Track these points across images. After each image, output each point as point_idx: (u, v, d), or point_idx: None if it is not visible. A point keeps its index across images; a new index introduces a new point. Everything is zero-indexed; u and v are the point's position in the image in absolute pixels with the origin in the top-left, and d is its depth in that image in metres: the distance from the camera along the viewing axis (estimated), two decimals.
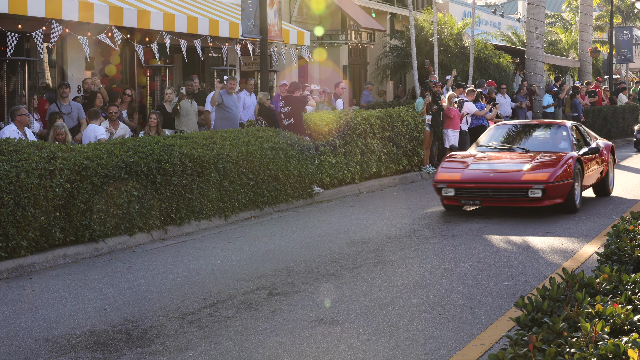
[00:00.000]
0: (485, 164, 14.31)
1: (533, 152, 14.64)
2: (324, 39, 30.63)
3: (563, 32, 46.96)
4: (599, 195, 16.18)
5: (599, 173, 15.52)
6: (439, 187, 14.00)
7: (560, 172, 13.55)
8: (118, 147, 12.02)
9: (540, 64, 30.31)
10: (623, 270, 5.83)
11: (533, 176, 13.50)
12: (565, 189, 13.64)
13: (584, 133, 16.00)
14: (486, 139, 15.71)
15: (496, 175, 13.76)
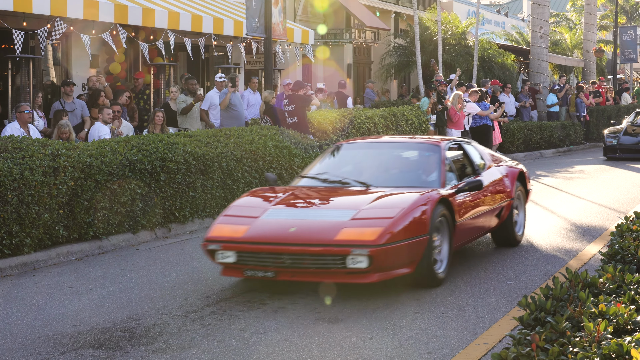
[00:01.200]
0: (290, 211, 9.13)
1: (377, 190, 9.33)
2: (329, 38, 30.63)
3: (567, 31, 46.91)
4: (500, 245, 11.16)
5: (495, 215, 10.55)
6: (210, 248, 8.77)
7: (403, 226, 8.38)
8: (122, 145, 12.03)
9: (544, 64, 30.30)
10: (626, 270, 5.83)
11: (355, 233, 8.32)
12: (414, 251, 8.49)
13: (473, 156, 10.90)
14: (318, 167, 10.49)
15: (299, 231, 8.47)
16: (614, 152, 24.34)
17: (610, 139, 24.53)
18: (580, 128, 29.36)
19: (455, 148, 10.79)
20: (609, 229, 12.06)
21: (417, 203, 8.73)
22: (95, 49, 17.95)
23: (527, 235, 12.12)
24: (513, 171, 11.36)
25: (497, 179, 10.84)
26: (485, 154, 11.42)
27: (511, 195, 10.98)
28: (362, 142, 11.61)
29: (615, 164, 23.39)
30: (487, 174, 10.72)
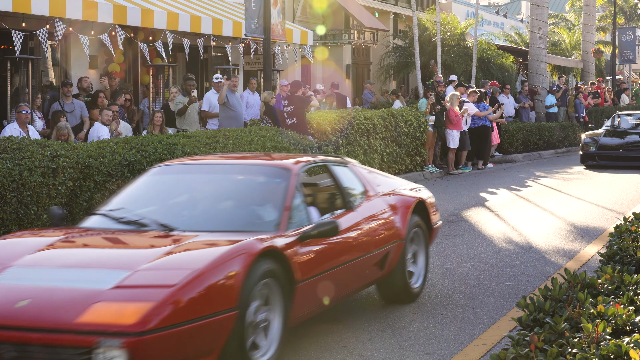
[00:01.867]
0: (36, 271, 6.07)
1: (182, 236, 6.54)
2: (327, 39, 30.64)
3: (566, 32, 46.94)
4: (389, 302, 8.37)
5: (375, 265, 7.88)
6: None
7: (191, 298, 5.55)
8: (121, 146, 12.03)
9: (543, 65, 30.32)
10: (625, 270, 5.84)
11: (110, 313, 5.40)
12: (212, 336, 5.67)
13: (346, 183, 8.11)
14: (119, 198, 7.55)
15: (32, 306, 5.53)
16: (591, 159, 22.42)
17: (588, 145, 22.57)
18: (579, 129, 29.37)
19: (318, 172, 8.39)
20: (608, 229, 12.07)
21: (222, 260, 5.82)
22: (94, 50, 17.95)
23: (526, 236, 12.14)
24: (407, 201, 8.49)
25: (378, 213, 8.06)
26: (368, 179, 8.51)
27: (401, 235, 8.14)
28: (184, 164, 8.17)
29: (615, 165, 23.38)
30: (364, 207, 7.97)
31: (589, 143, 22.57)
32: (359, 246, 7.61)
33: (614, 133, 23.18)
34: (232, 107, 16.99)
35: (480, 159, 22.56)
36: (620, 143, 22.64)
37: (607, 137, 22.85)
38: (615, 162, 22.14)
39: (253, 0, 17.18)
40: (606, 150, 22.40)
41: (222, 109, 17.07)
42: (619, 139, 22.84)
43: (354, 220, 7.68)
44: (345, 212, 7.70)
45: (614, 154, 22.37)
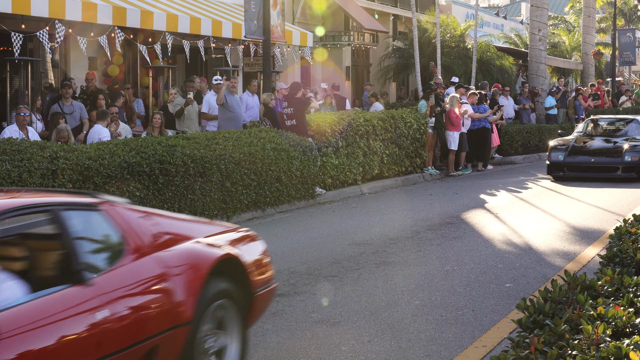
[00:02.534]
0: None
1: None
2: (327, 40, 30.63)
3: (566, 34, 46.95)
4: None
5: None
6: None
7: None
8: (120, 148, 12.03)
9: (543, 66, 30.32)
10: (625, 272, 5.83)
11: None
12: None
13: (75, 242, 5.19)
14: None
15: None
16: (559, 169, 19.67)
17: (557, 154, 19.73)
18: None
19: (35, 220, 5.34)
20: (608, 231, 12.06)
21: None
22: (93, 51, 17.94)
23: (526, 238, 12.13)
24: (201, 259, 5.79)
25: (139, 284, 5.38)
26: (138, 230, 5.63)
27: (183, 315, 5.48)
28: None
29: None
30: (113, 276, 5.26)
31: (557, 151, 19.84)
32: (78, 347, 4.78)
33: (585, 140, 20.71)
34: (231, 109, 16.98)
35: (480, 161, 22.55)
36: (592, 150, 20.08)
37: (578, 144, 20.28)
38: (586, 174, 19.42)
39: (252, 2, 17.18)
40: (576, 158, 19.71)
41: (221, 111, 17.06)
42: (591, 146, 20.32)
43: (76, 302, 4.87)
44: (65, 288, 4.91)
45: (585, 163, 19.64)
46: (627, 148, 19.50)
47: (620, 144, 19.99)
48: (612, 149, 19.95)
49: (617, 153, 19.59)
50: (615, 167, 19.41)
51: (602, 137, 20.92)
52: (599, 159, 19.80)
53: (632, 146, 19.63)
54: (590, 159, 19.79)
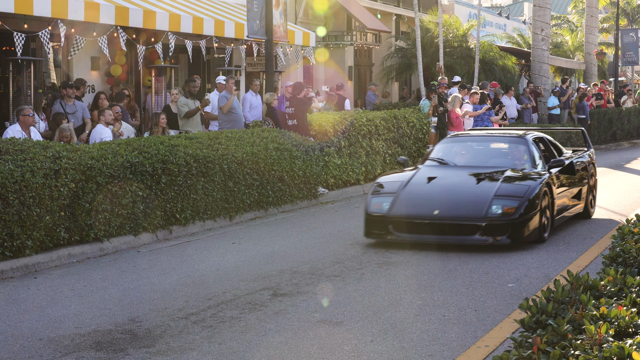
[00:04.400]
0: None
1: None
2: (330, 40, 30.64)
3: (569, 34, 46.92)
4: None
5: None
6: None
7: None
8: (123, 147, 12.03)
9: (545, 66, 30.30)
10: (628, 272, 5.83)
11: None
12: None
13: None
14: None
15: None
16: (381, 227, 11.64)
17: (379, 200, 11.85)
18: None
19: None
20: (611, 231, 12.06)
21: None
22: (96, 51, 17.95)
23: None
24: None
25: None
26: None
27: None
28: None
29: (616, 165, 23.35)
30: None
31: (380, 195, 11.99)
32: None
33: (434, 173, 12.54)
34: (232, 110, 17.00)
35: None
36: (441, 194, 11.83)
37: (419, 182, 12.18)
38: (426, 237, 11.43)
39: (255, 2, 17.18)
40: (411, 210, 11.57)
41: (221, 112, 17.06)
42: (441, 185, 12.12)
43: None
44: None
45: (424, 218, 11.44)
46: (497, 191, 11.41)
47: (487, 183, 11.90)
48: (471, 193, 11.68)
49: (478, 200, 11.36)
50: (473, 227, 11.18)
51: (464, 168, 12.71)
52: (448, 211, 11.40)
53: (506, 189, 11.57)
54: (432, 210, 11.44)
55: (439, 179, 12.26)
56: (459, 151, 13.50)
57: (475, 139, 13.96)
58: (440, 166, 13.03)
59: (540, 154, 12.90)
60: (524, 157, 12.80)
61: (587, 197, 13.89)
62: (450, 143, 13.81)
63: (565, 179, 12.89)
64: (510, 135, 13.63)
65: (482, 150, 13.49)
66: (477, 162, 13.10)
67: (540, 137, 13.63)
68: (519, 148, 13.06)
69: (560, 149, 13.92)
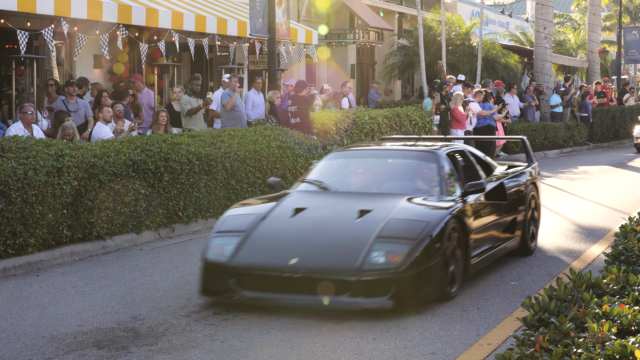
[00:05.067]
0: None
1: None
2: (332, 38, 30.64)
3: (571, 32, 46.88)
4: None
5: None
6: None
7: None
8: (126, 145, 12.03)
9: (548, 64, 30.27)
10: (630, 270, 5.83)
11: None
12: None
13: None
14: None
15: None
16: (220, 281, 8.28)
17: (222, 242, 8.56)
18: (584, 129, 29.34)
19: None
20: (613, 229, 12.05)
21: None
22: (99, 49, 17.96)
23: None
24: None
25: None
26: None
27: None
28: None
29: (618, 164, 23.34)
30: None
31: (225, 235, 8.68)
32: None
33: (305, 203, 9.11)
34: (235, 108, 17.02)
35: None
36: (305, 233, 8.53)
37: (281, 216, 8.81)
38: (276, 296, 8.14)
39: (258, 0, 17.18)
40: (262, 257, 8.31)
41: (225, 110, 17.08)
42: (308, 220, 8.78)
43: None
44: None
45: (276, 269, 8.20)
46: (381, 230, 8.21)
47: (371, 217, 8.50)
48: (346, 233, 8.36)
49: (353, 244, 8.13)
50: (341, 283, 7.93)
51: (347, 196, 9.42)
52: (310, 259, 8.16)
53: (394, 227, 8.32)
54: (289, 258, 8.16)
55: (308, 211, 8.78)
56: (349, 170, 10.16)
57: (372, 154, 10.56)
58: (317, 192, 9.64)
59: (456, 174, 9.73)
60: (433, 179, 9.53)
61: (524, 229, 10.64)
62: (338, 159, 10.33)
63: (490, 208, 9.74)
64: (418, 150, 10.28)
65: (379, 170, 10.04)
66: (368, 186, 9.64)
67: (461, 152, 10.44)
68: (427, 167, 9.72)
69: (490, 166, 10.88)
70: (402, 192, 9.23)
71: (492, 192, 9.89)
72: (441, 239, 8.24)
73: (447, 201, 8.93)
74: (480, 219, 9.33)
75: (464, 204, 8.98)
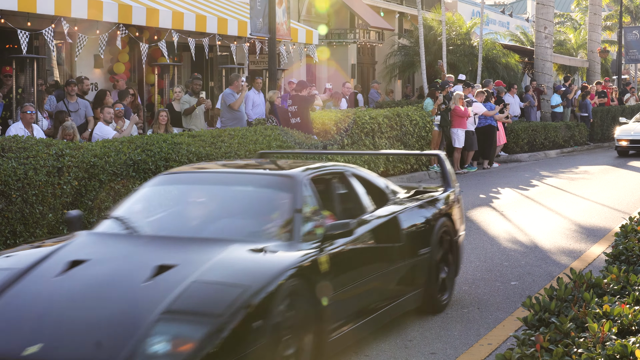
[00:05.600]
0: None
1: None
2: (333, 38, 30.65)
3: (572, 31, 46.87)
4: None
5: None
6: None
7: None
8: (126, 145, 12.03)
9: (548, 64, 30.27)
10: (631, 270, 5.83)
11: None
12: None
13: None
14: None
15: None
16: None
17: None
18: (584, 129, 29.34)
19: None
20: (613, 229, 12.04)
21: None
22: (98, 49, 17.96)
23: (531, 236, 12.12)
24: None
25: None
26: None
27: None
28: None
29: (618, 164, 23.35)
30: None
31: None
32: None
33: (87, 252, 6.35)
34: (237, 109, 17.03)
35: (485, 159, 22.53)
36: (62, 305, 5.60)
37: (42, 277, 5.91)
38: None
39: (258, 0, 17.18)
40: None
41: (227, 110, 17.07)
42: (78, 282, 5.86)
43: None
44: None
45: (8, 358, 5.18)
46: (172, 302, 5.40)
47: (165, 279, 5.73)
48: (121, 304, 5.55)
49: (123, 323, 5.30)
50: None
51: (152, 242, 6.61)
52: (58, 349, 5.19)
53: (192, 296, 5.51)
54: (29, 343, 5.23)
55: (87, 266, 6.08)
56: (173, 202, 7.44)
57: (207, 179, 7.58)
58: (113, 236, 6.83)
59: (325, 207, 7.03)
60: (283, 216, 6.66)
61: (429, 278, 7.91)
62: (163, 185, 7.51)
63: (370, 255, 7.19)
64: (268, 174, 7.44)
65: (210, 203, 7.22)
66: (186, 227, 6.92)
67: (339, 175, 7.58)
68: (278, 198, 6.92)
69: (385, 193, 8.08)
70: (231, 237, 6.41)
71: (378, 230, 7.30)
72: (267, 312, 5.47)
73: (296, 251, 6.17)
74: (348, 272, 6.67)
75: (319, 253, 6.26)
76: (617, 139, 26.22)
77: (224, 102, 17.14)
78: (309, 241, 6.40)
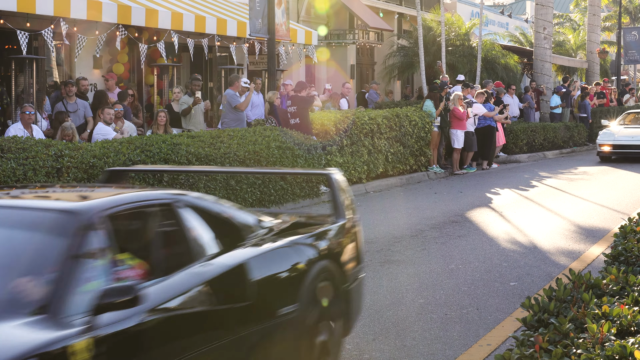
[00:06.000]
0: None
1: None
2: (332, 39, 30.65)
3: (571, 32, 46.89)
4: None
5: None
6: None
7: None
8: (125, 146, 12.04)
9: (547, 65, 30.28)
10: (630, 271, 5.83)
11: None
12: None
13: None
14: None
15: None
16: None
17: None
18: (583, 129, 29.35)
19: None
20: (613, 230, 12.04)
21: None
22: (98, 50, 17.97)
23: (530, 237, 12.12)
24: None
25: None
26: None
27: None
28: None
29: (618, 165, 23.35)
30: None
31: None
32: None
33: None
34: (237, 109, 17.03)
35: (484, 160, 22.54)
36: None
37: None
38: None
39: (257, 1, 17.19)
40: None
41: (231, 111, 17.08)
42: None
43: None
44: None
45: None
46: None
47: None
48: None
49: None
50: None
51: None
52: None
53: None
54: None
55: None
56: None
57: None
58: None
59: (127, 255, 4.99)
60: (42, 272, 4.38)
61: (296, 347, 5.81)
62: None
63: (182, 327, 4.91)
64: (42, 208, 5.04)
65: None
66: None
67: (164, 207, 5.37)
68: (47, 246, 4.59)
69: (237, 230, 5.94)
70: None
71: (211, 287, 5.20)
72: None
73: (47, 331, 4.06)
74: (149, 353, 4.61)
75: (77, 337, 4.11)
76: (599, 143, 24.39)
77: (229, 104, 17.15)
78: (78, 314, 4.25)
